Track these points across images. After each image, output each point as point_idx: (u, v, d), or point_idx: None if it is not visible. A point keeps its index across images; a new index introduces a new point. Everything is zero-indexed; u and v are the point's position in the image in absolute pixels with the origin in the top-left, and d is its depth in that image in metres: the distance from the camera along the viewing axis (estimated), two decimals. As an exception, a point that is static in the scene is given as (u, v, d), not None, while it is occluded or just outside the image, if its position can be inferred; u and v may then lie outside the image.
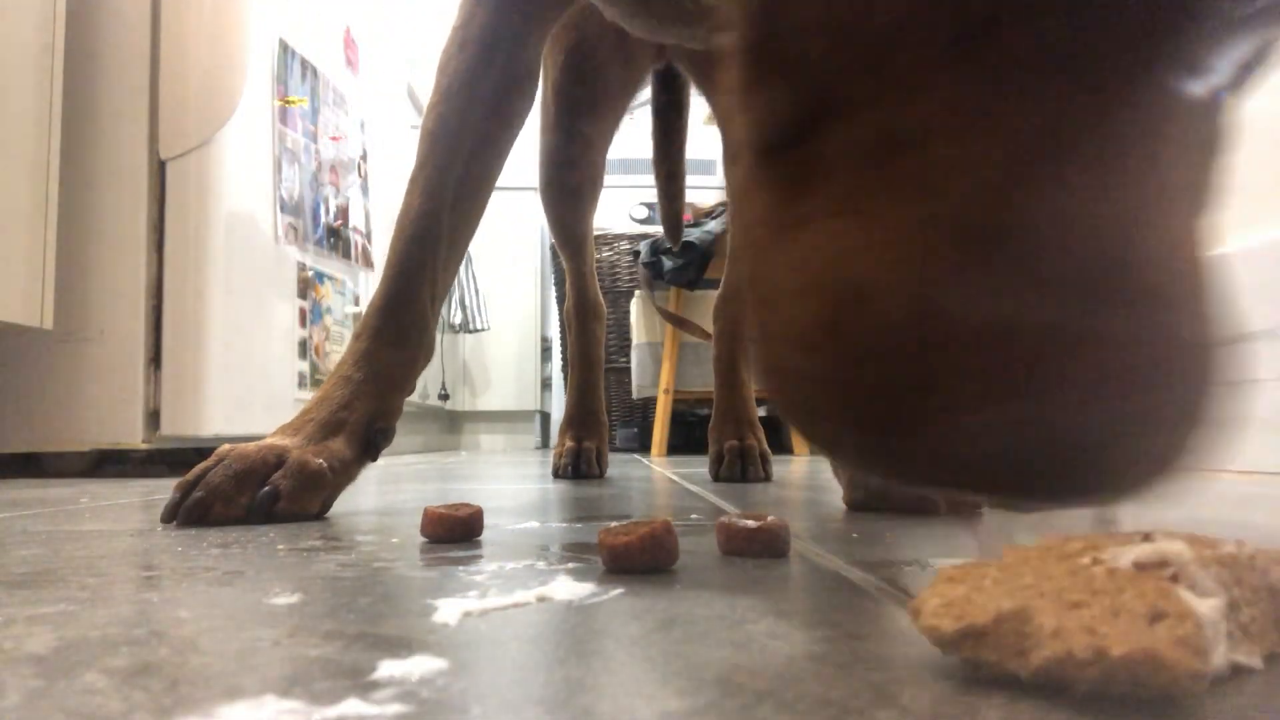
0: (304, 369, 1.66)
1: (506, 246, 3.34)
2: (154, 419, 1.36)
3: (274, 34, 1.57)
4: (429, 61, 0.81)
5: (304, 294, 1.67)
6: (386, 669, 0.21)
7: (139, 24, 1.38)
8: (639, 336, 2.44)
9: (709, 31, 0.72)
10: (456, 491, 0.86)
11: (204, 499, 0.54)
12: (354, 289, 1.89)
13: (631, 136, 1.52)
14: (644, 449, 2.57)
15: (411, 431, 2.82)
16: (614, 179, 1.75)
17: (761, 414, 1.18)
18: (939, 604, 0.20)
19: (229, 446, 0.58)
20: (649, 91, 1.19)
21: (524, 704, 0.18)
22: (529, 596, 0.30)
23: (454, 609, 0.27)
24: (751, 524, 0.39)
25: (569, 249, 1.18)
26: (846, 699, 0.18)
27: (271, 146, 1.56)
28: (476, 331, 3.20)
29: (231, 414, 1.40)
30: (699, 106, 1.24)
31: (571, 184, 1.13)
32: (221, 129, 1.40)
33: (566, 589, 0.31)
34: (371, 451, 0.64)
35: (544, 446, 3.34)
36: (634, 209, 3.17)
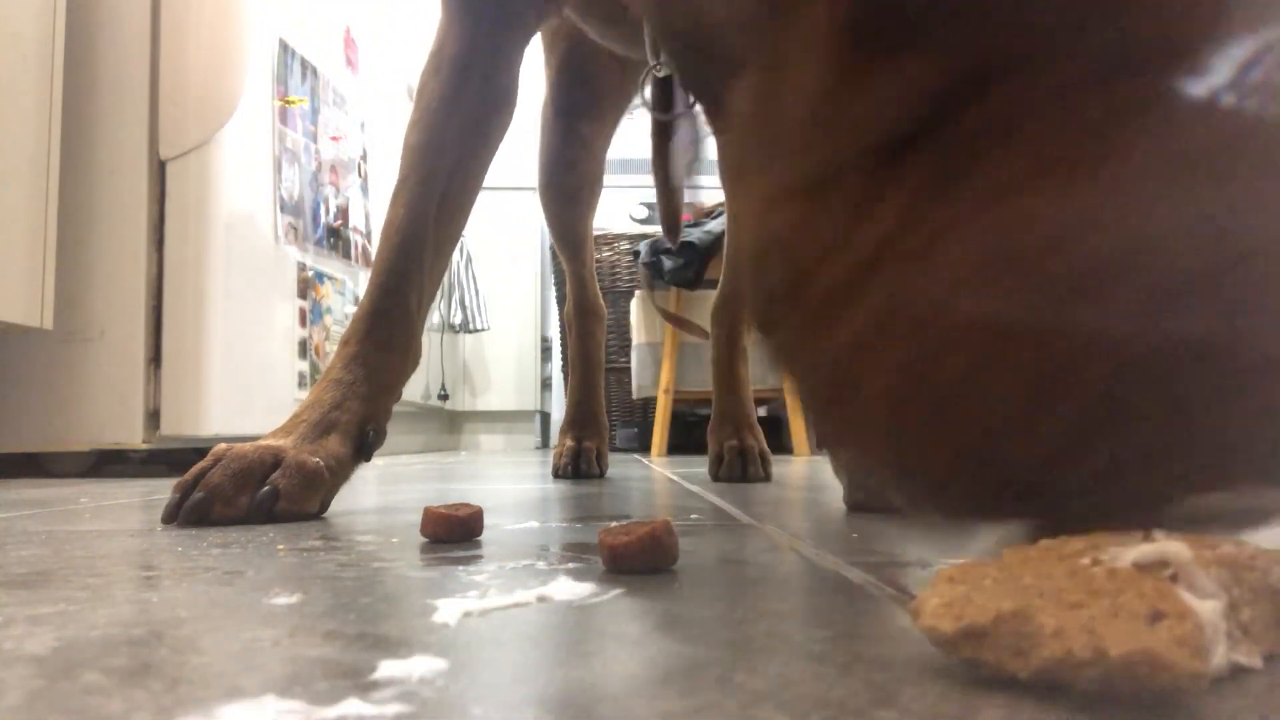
0: (304, 369, 1.66)
1: (506, 246, 3.34)
2: (154, 419, 1.36)
3: (274, 34, 1.57)
4: (429, 61, 0.81)
5: (304, 294, 1.67)
6: (386, 669, 0.21)
7: (139, 24, 1.38)
8: (639, 337, 2.44)
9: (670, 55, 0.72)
10: (456, 491, 0.86)
11: (204, 499, 0.54)
12: (354, 289, 1.89)
13: (631, 136, 1.52)
14: (644, 449, 2.57)
15: (411, 431, 2.82)
16: (614, 179, 1.75)
17: (761, 414, 1.18)
18: (939, 604, 0.20)
19: (225, 446, 0.58)
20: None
21: (524, 704, 0.18)
22: (529, 596, 0.30)
23: (454, 609, 0.27)
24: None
25: (568, 250, 1.18)
26: (846, 699, 0.18)
27: (271, 146, 1.55)
28: (476, 331, 3.20)
29: (231, 414, 1.40)
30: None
31: (571, 185, 1.13)
32: (221, 129, 1.40)
33: (566, 589, 0.31)
34: (365, 451, 0.64)
35: (544, 447, 3.34)
36: (634, 209, 3.17)
